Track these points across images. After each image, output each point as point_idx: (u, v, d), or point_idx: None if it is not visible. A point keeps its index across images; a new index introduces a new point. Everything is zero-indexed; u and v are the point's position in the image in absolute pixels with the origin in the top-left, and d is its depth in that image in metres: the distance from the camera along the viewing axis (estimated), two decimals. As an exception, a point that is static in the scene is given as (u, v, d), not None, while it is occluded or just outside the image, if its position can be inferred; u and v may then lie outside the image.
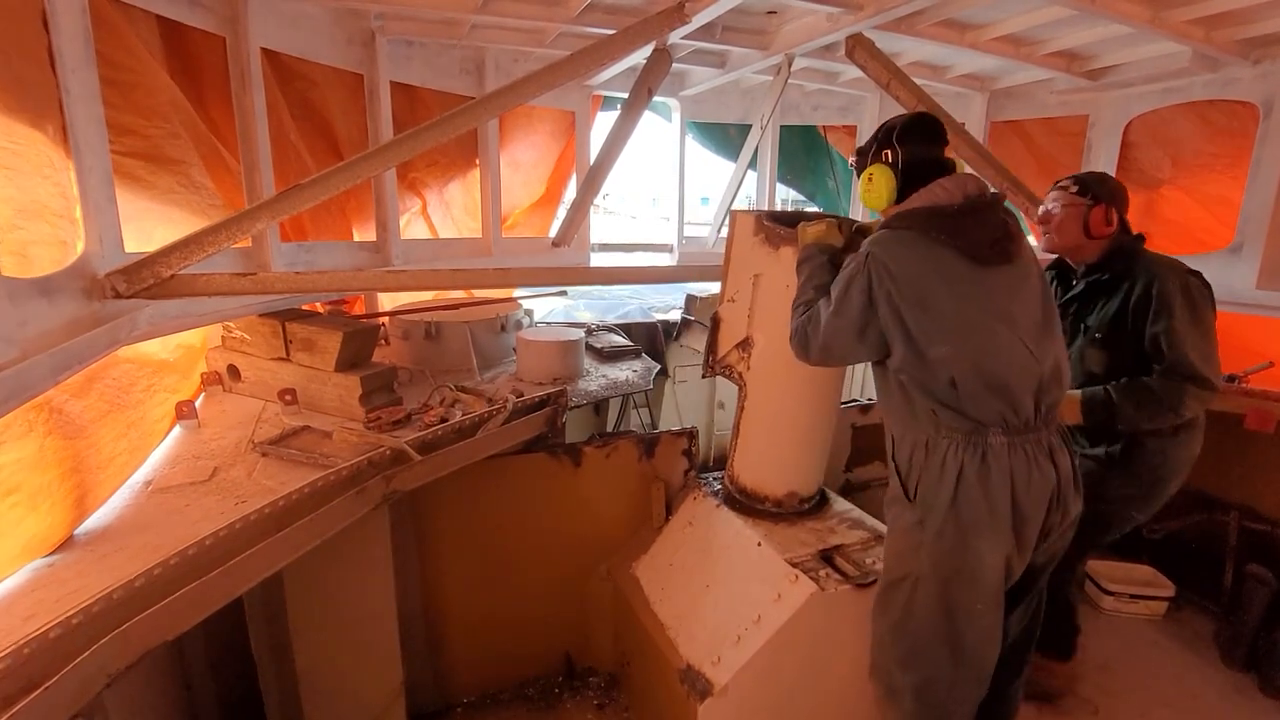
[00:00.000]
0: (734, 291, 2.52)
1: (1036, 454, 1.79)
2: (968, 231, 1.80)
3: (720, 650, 2.22)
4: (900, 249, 1.82)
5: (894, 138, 1.94)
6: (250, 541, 1.66)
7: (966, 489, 1.77)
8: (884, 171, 1.95)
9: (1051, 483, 1.80)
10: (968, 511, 1.77)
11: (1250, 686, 2.94)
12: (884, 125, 2.00)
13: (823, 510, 2.67)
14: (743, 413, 2.55)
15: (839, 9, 3.08)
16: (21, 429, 1.73)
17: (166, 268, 2.01)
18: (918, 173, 1.91)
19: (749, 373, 2.49)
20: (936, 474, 1.82)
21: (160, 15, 2.40)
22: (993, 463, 1.76)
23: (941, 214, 1.83)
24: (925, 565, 1.85)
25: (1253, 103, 3.27)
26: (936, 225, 1.82)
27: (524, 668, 2.95)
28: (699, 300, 5.10)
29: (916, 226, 1.83)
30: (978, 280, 1.79)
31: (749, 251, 2.44)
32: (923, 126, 1.97)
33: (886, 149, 1.96)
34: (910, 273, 1.78)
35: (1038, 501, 1.78)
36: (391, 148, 2.30)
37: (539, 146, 4.60)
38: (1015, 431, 1.78)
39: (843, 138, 5.22)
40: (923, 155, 1.93)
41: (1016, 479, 1.76)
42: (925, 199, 1.88)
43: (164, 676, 2.16)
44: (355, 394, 2.69)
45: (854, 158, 2.13)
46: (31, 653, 1.23)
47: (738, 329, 2.50)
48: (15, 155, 1.72)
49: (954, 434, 1.80)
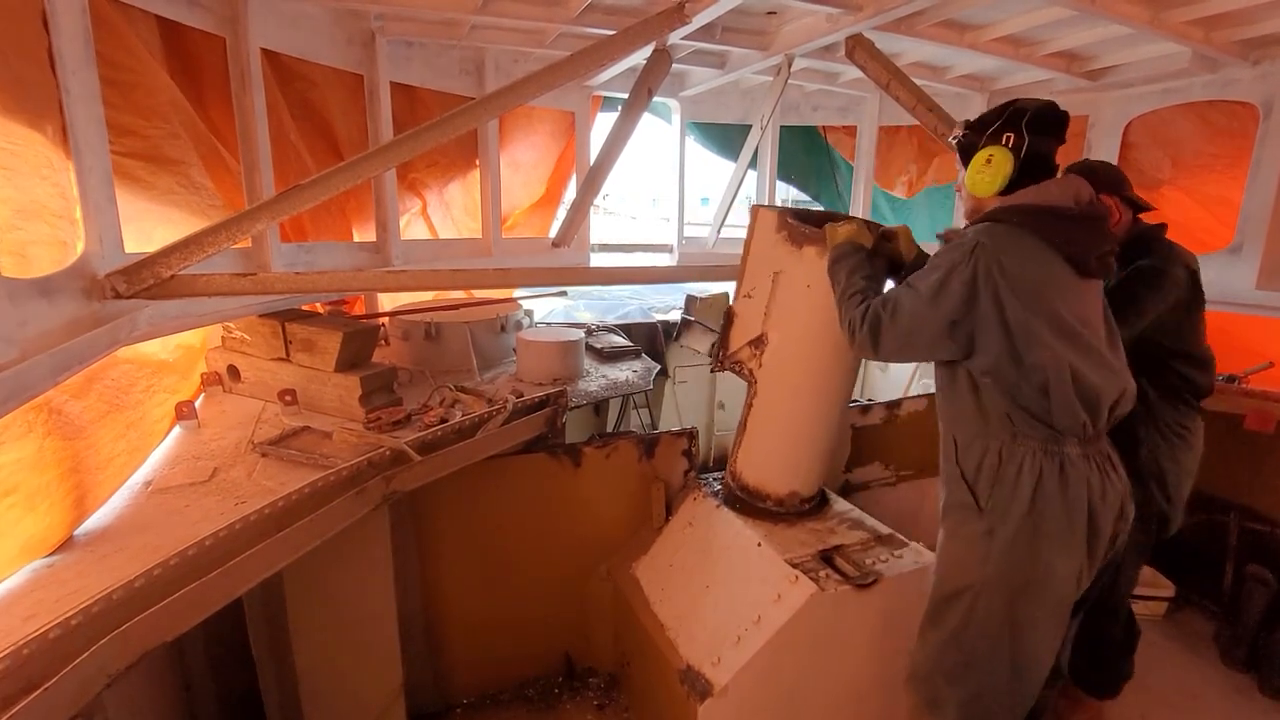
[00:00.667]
0: (750, 287, 2.47)
1: (1104, 464, 1.77)
2: (1079, 240, 1.74)
3: (720, 651, 2.22)
4: (1012, 243, 1.72)
5: (1024, 122, 1.79)
6: (250, 542, 1.66)
7: (1046, 499, 1.71)
8: (1006, 156, 1.80)
9: (1119, 492, 1.78)
10: (1045, 522, 1.71)
11: (1250, 687, 2.94)
12: (1011, 105, 1.84)
13: (823, 511, 2.67)
14: (750, 410, 2.54)
15: (839, 10, 3.08)
16: (21, 429, 1.73)
17: (166, 268, 2.01)
18: (1036, 167, 1.80)
19: (760, 370, 2.46)
20: (1012, 482, 1.75)
21: (160, 15, 2.40)
22: (1071, 473, 1.72)
23: (1058, 215, 1.75)
24: (991, 577, 1.78)
25: (1252, 103, 3.27)
26: (1051, 226, 1.73)
27: (524, 668, 2.95)
28: (699, 300, 5.10)
29: (1029, 224, 1.73)
30: (1077, 289, 1.75)
31: (770, 248, 2.40)
32: (1055, 118, 1.83)
33: (1011, 133, 1.80)
34: (1021, 270, 1.69)
35: (1111, 512, 1.76)
36: (391, 148, 2.30)
37: (539, 147, 4.60)
38: (1088, 442, 1.75)
39: (842, 138, 5.22)
40: (1046, 149, 1.82)
41: (1093, 489, 1.73)
42: (1037, 196, 1.77)
43: (164, 677, 2.16)
44: (355, 394, 2.69)
45: (961, 131, 1.96)
46: (31, 653, 1.23)
47: (752, 325, 2.47)
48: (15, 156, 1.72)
49: (1030, 441, 1.75)
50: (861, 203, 5.02)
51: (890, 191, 5.32)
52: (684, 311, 5.19)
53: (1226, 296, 3.35)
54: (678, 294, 5.75)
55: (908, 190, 5.25)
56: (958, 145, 1.96)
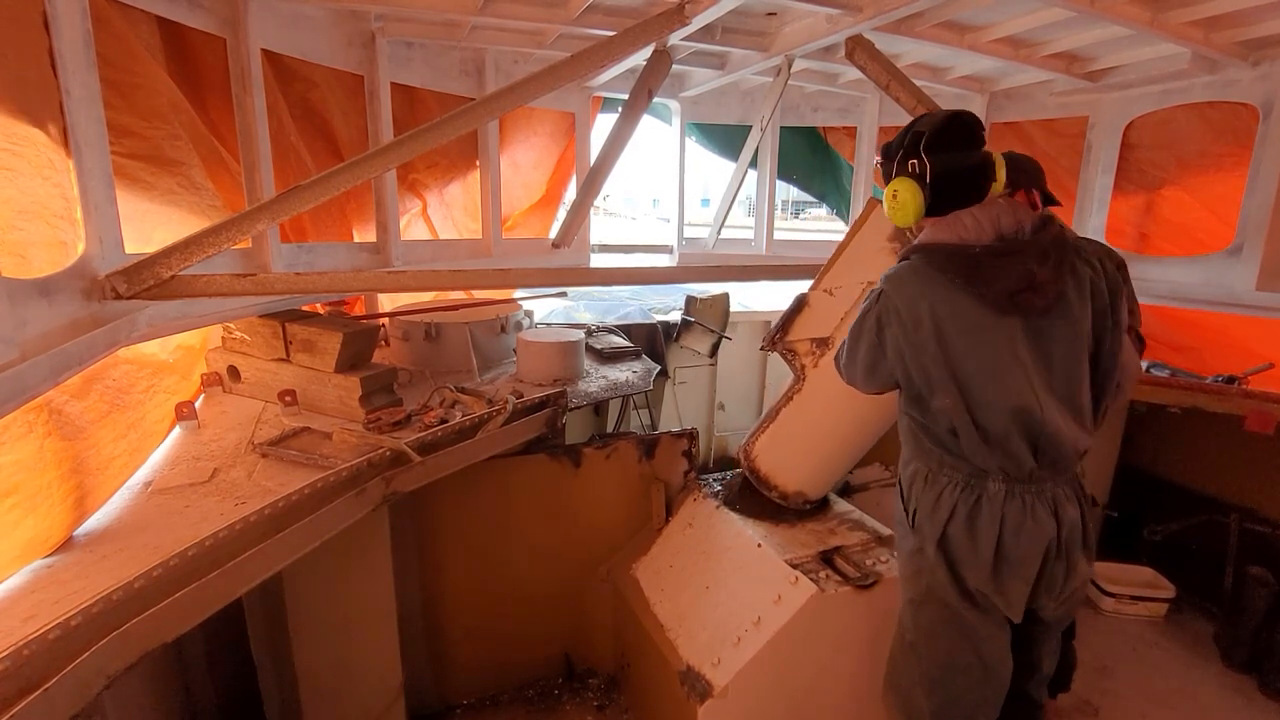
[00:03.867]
0: (836, 284, 2.37)
1: (1036, 504, 1.73)
2: (989, 279, 1.66)
3: (720, 652, 2.22)
4: (912, 289, 1.71)
5: (921, 147, 1.74)
6: (250, 543, 1.66)
7: (954, 528, 1.77)
8: (910, 187, 1.76)
9: (1049, 534, 1.73)
10: (952, 549, 1.78)
11: (1250, 688, 2.94)
12: (911, 128, 1.79)
13: (823, 511, 2.68)
14: (788, 403, 2.50)
15: (839, 10, 3.08)
16: (21, 430, 1.73)
17: (166, 269, 2.01)
18: (950, 186, 1.74)
19: (814, 371, 2.42)
20: (930, 507, 1.81)
21: (161, 17, 2.41)
22: (985, 507, 1.74)
23: (963, 255, 1.68)
24: (925, 590, 1.85)
25: (1252, 104, 3.27)
26: (954, 267, 1.68)
27: (524, 669, 2.95)
28: (699, 301, 5.10)
29: (935, 265, 1.70)
30: (993, 327, 1.67)
31: (873, 254, 2.26)
32: (954, 131, 1.75)
33: (913, 159, 1.76)
34: (919, 317, 1.69)
35: (1029, 551, 1.73)
36: (391, 149, 2.30)
37: (539, 148, 4.60)
38: (1016, 480, 1.73)
39: (843, 139, 5.22)
40: (956, 165, 1.74)
41: (1006, 526, 1.72)
42: (950, 232, 1.72)
43: (163, 678, 2.16)
44: (355, 395, 2.69)
45: (879, 160, 1.95)
46: (31, 654, 1.23)
47: (822, 324, 2.39)
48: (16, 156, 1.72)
49: (954, 474, 1.78)
50: (861, 203, 5.02)
51: (890, 192, 5.30)
52: (684, 312, 5.18)
53: (1226, 297, 3.35)
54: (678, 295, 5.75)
55: (908, 191, 5.24)
56: (881, 174, 1.93)
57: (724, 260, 5.06)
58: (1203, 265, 3.47)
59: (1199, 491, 3.32)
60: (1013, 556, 1.73)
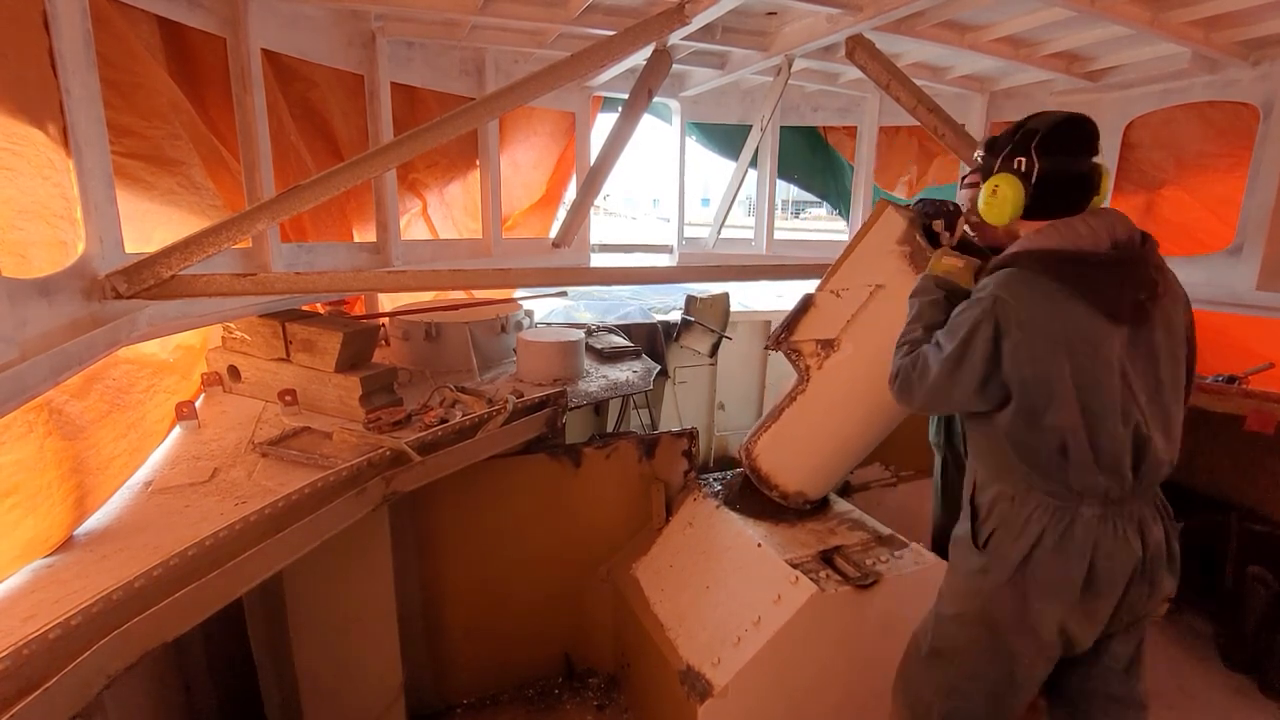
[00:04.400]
0: (843, 285, 2.32)
1: (1126, 527, 1.66)
2: (1109, 288, 1.60)
3: (720, 651, 2.22)
4: (1031, 295, 1.61)
5: (1033, 146, 1.67)
6: (250, 542, 1.66)
7: (1041, 553, 1.67)
8: (1013, 184, 1.68)
9: (1136, 557, 1.66)
10: (1037, 574, 1.68)
11: (1250, 688, 2.94)
12: (1024, 125, 1.72)
13: (823, 511, 2.68)
14: (792, 404, 2.48)
15: (839, 10, 3.08)
16: (21, 430, 1.73)
17: (167, 268, 2.01)
18: (1056, 190, 1.67)
19: (819, 373, 2.39)
20: (1015, 531, 1.70)
21: (161, 16, 2.41)
22: (1078, 533, 1.65)
23: (1082, 262, 1.61)
24: (982, 613, 1.78)
25: (1253, 104, 3.27)
26: (1074, 277, 1.60)
27: (524, 669, 2.95)
28: (699, 301, 5.10)
29: (1051, 273, 1.61)
30: (1107, 339, 1.61)
31: (881, 256, 2.20)
32: (1072, 134, 1.67)
33: (1021, 157, 1.68)
34: (1042, 326, 1.59)
35: (1117, 576, 1.66)
36: (392, 148, 2.30)
37: (539, 147, 4.60)
38: (1110, 503, 1.65)
39: (843, 139, 5.22)
40: (1066, 170, 1.67)
41: (1098, 552, 1.64)
42: (1063, 239, 1.64)
43: (164, 677, 2.16)
44: (355, 395, 2.69)
45: (979, 154, 1.86)
46: (31, 653, 1.23)
47: (828, 325, 2.34)
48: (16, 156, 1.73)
49: (1046, 498, 1.68)
50: (862, 203, 5.02)
51: (891, 192, 5.32)
52: (684, 312, 5.18)
53: (1227, 297, 3.35)
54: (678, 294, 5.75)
55: (908, 190, 5.26)
56: (979, 169, 1.87)
57: (724, 260, 5.07)
58: (1203, 265, 3.46)
59: (1199, 491, 3.32)
60: (1102, 582, 1.65)
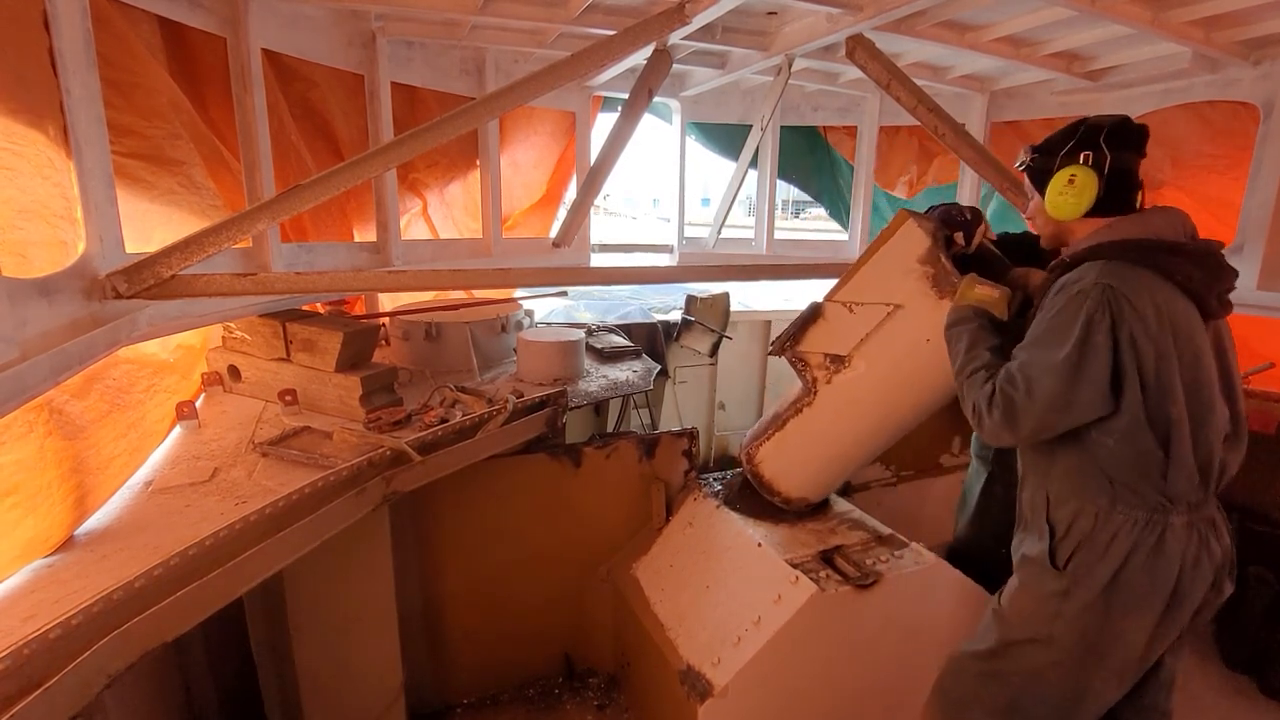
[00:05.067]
0: (856, 298, 2.20)
1: (1208, 534, 1.61)
2: (1200, 277, 1.56)
3: (720, 651, 2.22)
4: (1139, 283, 1.54)
5: (1102, 139, 1.65)
6: (250, 542, 1.66)
7: (1131, 572, 1.60)
8: (1089, 174, 1.65)
9: (1216, 564, 1.63)
10: (1126, 592, 1.61)
11: (1250, 688, 2.94)
12: (1083, 123, 1.70)
13: (823, 511, 2.68)
14: (796, 415, 2.43)
15: (839, 10, 3.08)
16: (22, 429, 1.73)
17: (167, 268, 2.01)
18: (1123, 186, 1.66)
19: (827, 387, 2.32)
20: (1101, 550, 1.62)
21: (161, 16, 2.41)
22: (1170, 545, 1.58)
23: (1174, 250, 1.57)
24: (1061, 635, 1.70)
25: (1253, 104, 3.27)
26: (1170, 263, 1.54)
27: (524, 668, 2.95)
28: (699, 300, 5.10)
29: (1147, 262, 1.55)
30: (1200, 332, 1.56)
31: (900, 274, 2.07)
32: (1132, 131, 1.68)
33: (1089, 150, 1.66)
34: (1154, 314, 1.51)
35: (1199, 585, 1.62)
36: (392, 148, 2.30)
37: (539, 147, 4.60)
38: (1194, 509, 1.60)
39: (843, 138, 5.22)
40: (1130, 166, 1.67)
41: (1186, 561, 1.59)
42: (1144, 229, 1.60)
43: (164, 677, 2.16)
44: (355, 394, 2.69)
45: (1029, 154, 1.80)
46: (32, 653, 1.23)
47: (839, 340, 2.25)
48: (16, 156, 1.73)
49: (1133, 510, 1.60)
50: (862, 203, 5.02)
51: (891, 192, 5.32)
52: (684, 312, 5.19)
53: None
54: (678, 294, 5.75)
55: (908, 190, 5.26)
56: (1026, 171, 1.82)
57: (724, 260, 5.06)
58: (1203, 265, 3.46)
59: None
60: (1185, 595, 1.60)
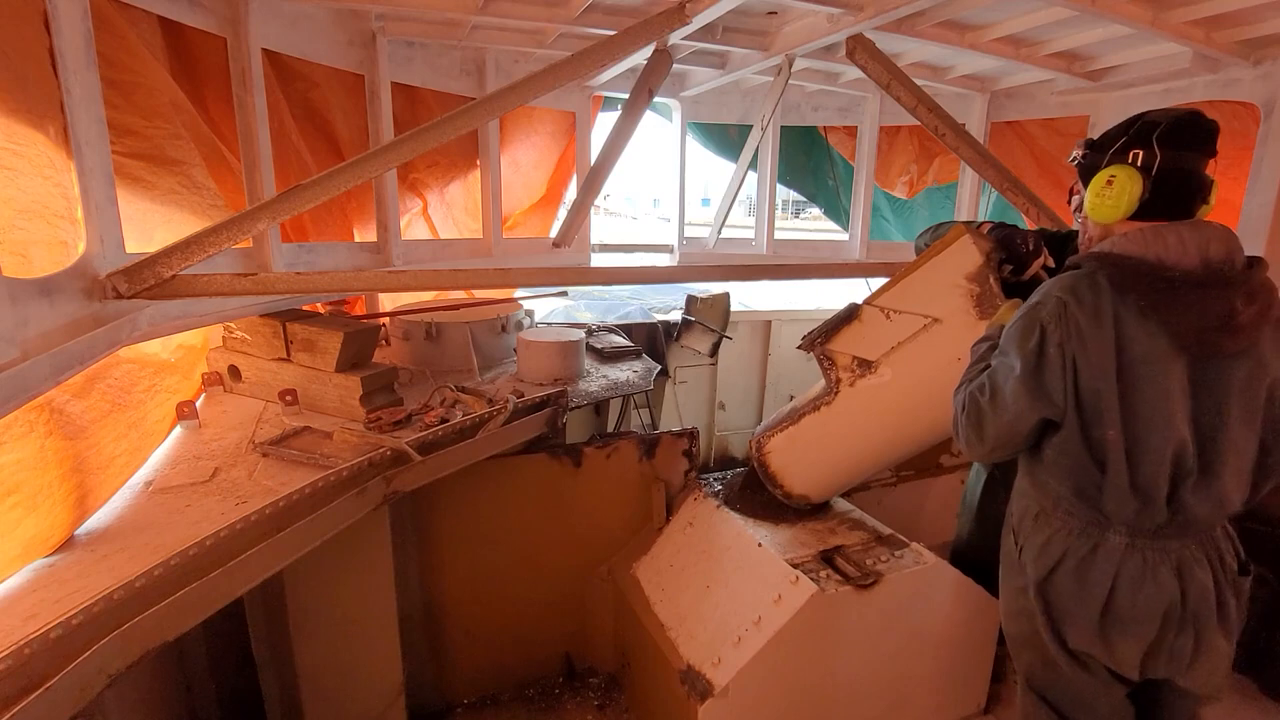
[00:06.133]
0: (895, 307, 2.16)
1: (1159, 563, 1.57)
2: (1181, 309, 1.46)
3: (720, 651, 2.22)
4: (1095, 303, 1.50)
5: (1155, 137, 1.52)
6: (251, 542, 1.66)
7: (1061, 577, 1.63)
8: (1132, 176, 1.53)
9: (1170, 597, 1.56)
10: (1055, 598, 1.65)
11: (1250, 688, 2.93)
12: (1139, 118, 1.59)
13: (824, 510, 2.68)
14: (815, 412, 2.43)
15: (840, 10, 3.08)
16: (22, 429, 1.73)
17: (167, 268, 2.01)
18: (1173, 189, 1.53)
19: (849, 389, 2.31)
20: (1037, 549, 1.68)
21: (161, 16, 2.41)
22: (1100, 559, 1.59)
23: (1156, 277, 1.48)
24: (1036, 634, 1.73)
25: (1253, 104, 3.27)
26: (1143, 289, 1.48)
27: (524, 668, 2.95)
28: (699, 300, 5.10)
29: (1116, 282, 1.50)
30: (1165, 360, 1.49)
31: (945, 287, 2.03)
32: (1193, 129, 1.54)
33: (1139, 149, 1.54)
34: (1101, 335, 1.49)
35: (1144, 612, 1.57)
36: (392, 148, 2.30)
37: (540, 147, 4.60)
38: (1139, 534, 1.58)
39: (843, 138, 5.22)
40: (1186, 168, 1.53)
41: (1120, 582, 1.57)
42: (1147, 248, 1.50)
43: (164, 676, 2.16)
44: (356, 394, 2.69)
45: (1081, 150, 1.72)
46: (32, 653, 1.23)
47: (871, 345, 2.23)
48: (17, 156, 1.72)
49: (1070, 520, 1.64)
50: (862, 203, 5.02)
51: (891, 192, 5.32)
52: (684, 311, 5.19)
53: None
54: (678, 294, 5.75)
55: (908, 190, 5.26)
56: (1078, 167, 1.75)
57: (724, 260, 5.06)
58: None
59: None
60: (1125, 616, 1.58)
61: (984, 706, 2.68)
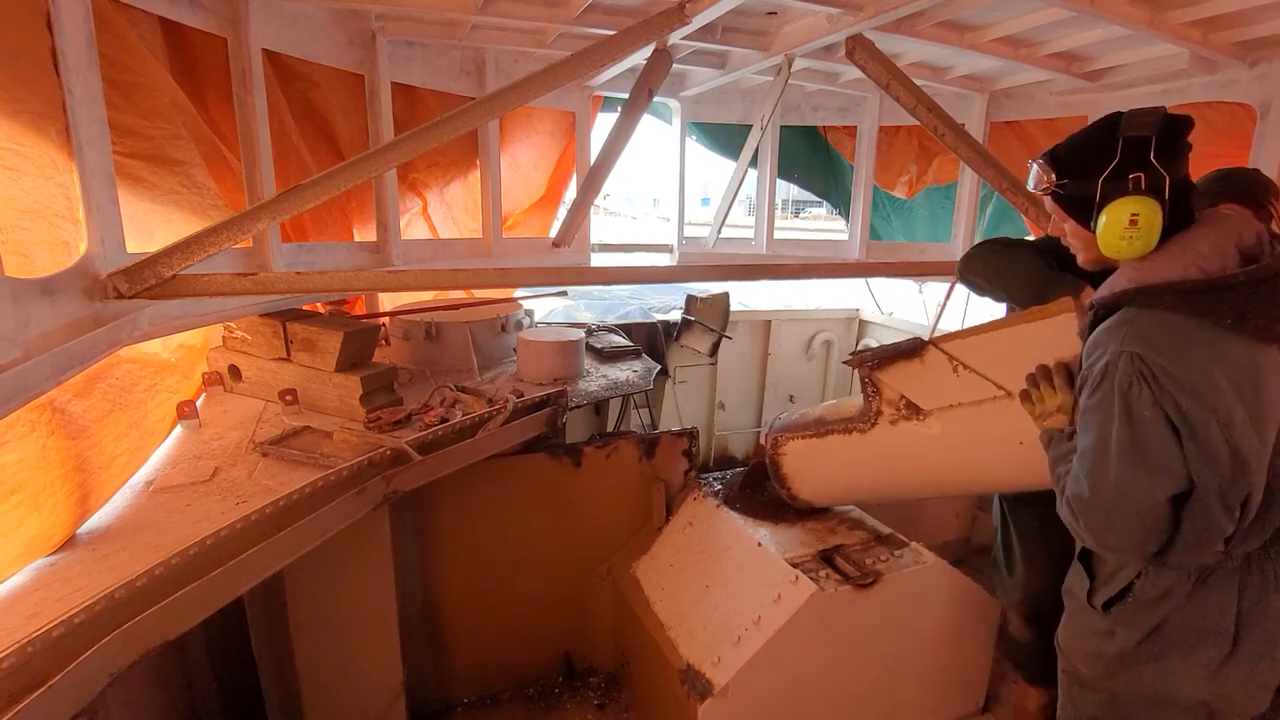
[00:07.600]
0: (968, 362, 1.93)
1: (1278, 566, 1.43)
2: (1258, 309, 1.30)
3: (720, 651, 2.22)
4: (1175, 342, 1.31)
5: (1152, 155, 1.35)
6: (251, 541, 1.67)
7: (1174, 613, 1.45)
8: (1154, 209, 1.35)
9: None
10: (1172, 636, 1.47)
11: None
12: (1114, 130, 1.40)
13: (823, 510, 2.68)
14: (844, 434, 2.33)
15: (839, 10, 3.08)
16: (24, 429, 1.73)
17: (168, 268, 2.01)
18: (1184, 206, 1.39)
19: (890, 427, 2.17)
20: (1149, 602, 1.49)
21: (162, 17, 2.41)
22: (1212, 581, 1.43)
23: (1224, 288, 1.31)
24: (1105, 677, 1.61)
25: (1250, 104, 3.28)
26: (1219, 307, 1.30)
27: (524, 668, 2.96)
28: (699, 300, 5.10)
29: (1187, 308, 1.31)
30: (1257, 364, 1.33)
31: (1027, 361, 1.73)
32: (1180, 134, 1.39)
33: (1140, 171, 1.35)
34: (1195, 378, 1.29)
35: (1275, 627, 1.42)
36: (392, 148, 2.30)
37: (539, 147, 4.60)
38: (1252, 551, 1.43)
39: (843, 138, 5.23)
40: (1185, 174, 1.40)
41: (1245, 598, 1.41)
42: (1184, 266, 1.34)
43: (166, 675, 2.17)
44: (356, 394, 2.69)
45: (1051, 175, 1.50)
46: (35, 651, 1.24)
47: (927, 394, 2.04)
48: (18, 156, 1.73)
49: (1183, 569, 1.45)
50: (861, 202, 5.03)
51: (891, 191, 5.32)
52: (684, 311, 5.19)
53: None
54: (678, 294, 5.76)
55: (908, 190, 5.26)
56: (1055, 198, 1.53)
57: (724, 260, 5.07)
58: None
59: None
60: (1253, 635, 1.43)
61: (982, 705, 2.69)
